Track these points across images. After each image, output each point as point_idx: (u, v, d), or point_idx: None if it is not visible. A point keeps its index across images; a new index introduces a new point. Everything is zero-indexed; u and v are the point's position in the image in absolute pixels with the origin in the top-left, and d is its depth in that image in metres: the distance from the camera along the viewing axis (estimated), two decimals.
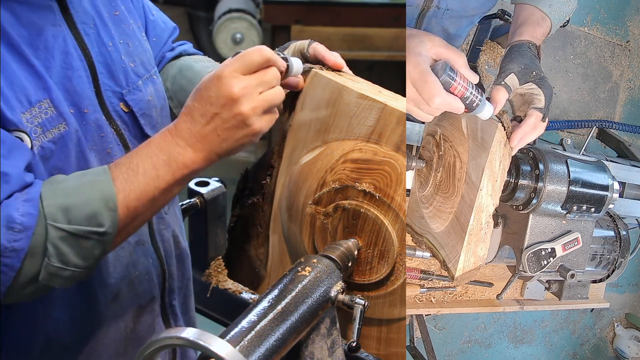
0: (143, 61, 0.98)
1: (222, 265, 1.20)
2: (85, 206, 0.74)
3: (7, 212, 0.70)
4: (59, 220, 0.73)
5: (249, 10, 2.66)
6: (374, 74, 2.53)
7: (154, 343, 0.63)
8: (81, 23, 0.86)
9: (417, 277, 1.63)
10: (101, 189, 0.76)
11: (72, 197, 0.74)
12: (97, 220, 0.75)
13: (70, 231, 0.73)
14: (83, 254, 0.75)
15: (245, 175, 1.13)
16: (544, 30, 1.16)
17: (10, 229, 0.69)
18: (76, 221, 0.73)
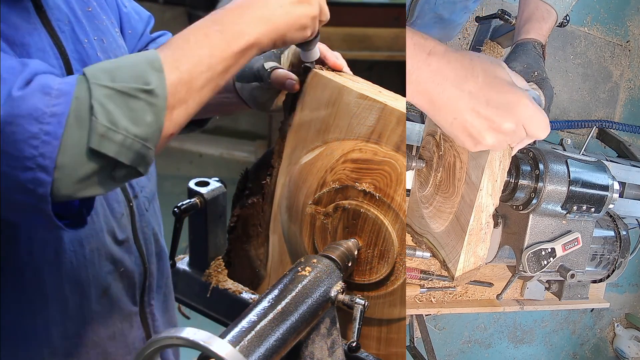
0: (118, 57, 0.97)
1: (222, 265, 1.20)
2: (131, 68, 0.71)
3: (42, 80, 0.66)
4: (103, 79, 0.68)
5: None
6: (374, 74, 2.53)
7: (153, 343, 0.63)
8: (55, 20, 0.85)
9: (417, 277, 1.63)
10: (145, 54, 0.73)
11: (116, 62, 0.72)
12: (144, 78, 0.70)
13: (115, 88, 0.68)
14: (133, 117, 0.69)
15: (245, 175, 1.13)
16: (549, 25, 1.15)
17: (47, 94, 0.65)
18: (121, 79, 0.69)
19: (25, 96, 0.64)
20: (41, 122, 0.64)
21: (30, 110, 0.64)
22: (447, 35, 1.79)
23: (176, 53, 0.74)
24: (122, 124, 0.68)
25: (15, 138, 0.64)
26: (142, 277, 1.05)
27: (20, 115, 0.63)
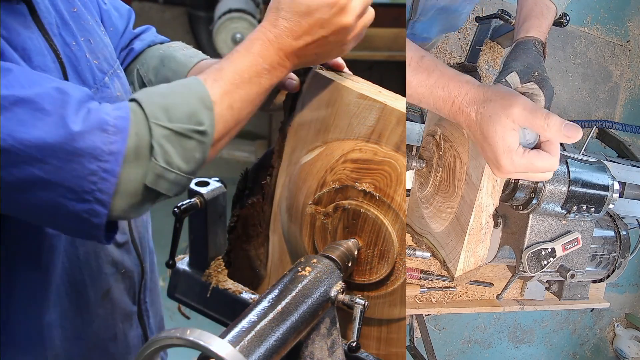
0: (106, 57, 0.97)
1: (222, 265, 1.20)
2: (184, 105, 0.74)
3: (99, 116, 0.69)
4: (161, 119, 0.72)
5: (249, 10, 2.65)
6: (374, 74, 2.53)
7: (153, 343, 0.63)
8: (48, 24, 0.85)
9: (417, 277, 1.63)
10: (196, 89, 0.76)
11: (170, 97, 0.75)
12: (197, 118, 0.75)
13: (173, 129, 0.73)
14: (185, 156, 0.75)
15: (245, 175, 1.13)
16: (549, 21, 1.14)
17: (104, 131, 0.68)
18: (177, 119, 0.73)
19: (83, 133, 0.67)
20: (100, 159, 0.68)
21: (90, 149, 0.67)
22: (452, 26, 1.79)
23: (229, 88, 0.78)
24: (176, 164, 0.73)
25: (74, 174, 0.67)
26: (140, 277, 1.05)
27: (80, 154, 0.66)
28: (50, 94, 0.68)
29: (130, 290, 1.03)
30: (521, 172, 0.90)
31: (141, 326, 1.09)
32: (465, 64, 1.97)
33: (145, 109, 0.72)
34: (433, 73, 0.95)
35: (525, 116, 0.86)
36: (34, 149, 0.66)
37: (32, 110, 0.66)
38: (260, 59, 0.81)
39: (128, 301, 1.04)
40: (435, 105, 0.96)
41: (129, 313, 1.04)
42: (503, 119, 0.86)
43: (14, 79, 0.67)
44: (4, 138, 0.65)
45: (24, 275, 0.85)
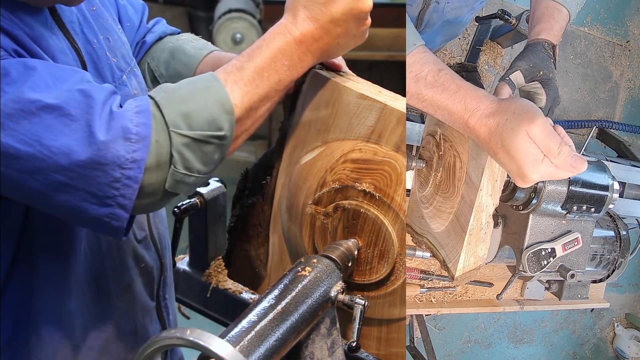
0: (123, 54, 0.97)
1: (222, 265, 1.20)
2: (204, 111, 0.75)
3: (122, 123, 0.70)
4: (181, 127, 0.73)
5: (249, 10, 2.65)
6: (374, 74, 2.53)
7: (153, 343, 0.63)
8: (69, 22, 0.86)
9: (417, 277, 1.62)
10: (216, 93, 0.77)
11: (190, 103, 0.75)
12: (217, 124, 0.76)
13: (192, 137, 0.74)
14: (204, 159, 0.76)
15: (245, 175, 1.13)
16: (561, 24, 1.14)
17: (128, 140, 0.69)
18: (197, 126, 0.74)
19: (108, 142, 0.68)
20: (123, 167, 0.69)
21: (114, 157, 0.69)
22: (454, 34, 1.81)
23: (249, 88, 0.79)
24: (195, 168, 0.75)
25: (98, 181, 0.69)
26: (159, 272, 1.06)
27: (105, 162, 0.69)
28: (75, 99, 0.69)
29: (148, 285, 1.04)
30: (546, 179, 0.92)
31: (160, 322, 1.10)
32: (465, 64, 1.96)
33: (166, 116, 0.73)
34: (449, 88, 0.95)
35: (542, 137, 0.87)
36: (60, 156, 0.67)
37: (59, 116, 0.67)
38: (280, 55, 0.81)
39: (147, 297, 1.05)
40: (450, 117, 0.96)
41: (148, 308, 1.06)
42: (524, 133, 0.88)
43: (40, 80, 0.68)
44: (31, 144, 0.66)
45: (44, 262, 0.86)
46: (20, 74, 0.67)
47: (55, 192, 0.69)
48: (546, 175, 0.89)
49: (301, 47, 0.83)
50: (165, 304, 1.11)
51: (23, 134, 0.66)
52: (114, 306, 0.97)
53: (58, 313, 0.89)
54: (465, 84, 0.96)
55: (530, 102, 0.92)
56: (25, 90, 0.66)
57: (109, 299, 0.96)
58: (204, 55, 1.08)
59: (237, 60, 0.81)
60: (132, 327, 1.02)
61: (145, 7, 1.16)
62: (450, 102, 0.95)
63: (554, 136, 0.88)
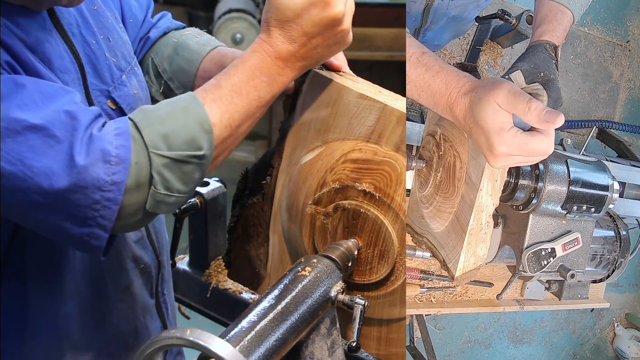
0: (124, 54, 0.97)
1: (222, 265, 1.20)
2: (183, 131, 0.75)
3: (102, 146, 0.70)
4: (161, 147, 0.74)
5: (249, 10, 2.65)
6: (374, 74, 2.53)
7: (153, 343, 0.63)
8: (67, 24, 0.86)
9: (417, 277, 1.62)
10: (195, 113, 0.77)
11: (169, 123, 0.75)
12: (196, 143, 0.76)
13: (172, 157, 0.74)
14: (184, 179, 0.77)
15: (245, 175, 1.13)
16: (564, 25, 1.14)
17: (107, 162, 0.70)
18: (177, 147, 0.75)
19: (88, 166, 0.69)
20: (103, 190, 0.70)
21: (94, 180, 0.70)
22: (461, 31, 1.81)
23: (227, 107, 0.79)
24: (175, 188, 0.76)
25: (78, 204, 0.70)
26: (156, 270, 1.07)
27: (85, 185, 0.69)
28: (61, 120, 0.69)
29: (148, 284, 1.05)
30: (515, 154, 0.88)
31: (160, 318, 1.10)
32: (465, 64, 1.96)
33: (145, 138, 0.73)
34: (432, 68, 0.96)
35: (508, 99, 0.86)
36: (42, 177, 0.68)
37: (43, 137, 0.68)
38: (258, 72, 0.82)
39: (147, 295, 1.05)
40: (433, 99, 0.97)
41: (148, 306, 1.06)
42: (491, 100, 0.87)
43: (28, 98, 0.69)
44: (13, 163, 0.67)
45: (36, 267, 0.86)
46: (9, 91, 0.68)
47: (34, 211, 0.70)
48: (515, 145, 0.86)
49: (278, 62, 0.83)
50: (164, 300, 1.12)
51: (7, 152, 0.66)
52: (112, 308, 0.97)
53: (53, 316, 0.89)
54: (448, 66, 0.97)
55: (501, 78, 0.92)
56: (12, 109, 0.67)
57: (107, 301, 0.96)
58: (207, 52, 1.07)
59: (215, 79, 0.82)
60: (133, 327, 1.02)
61: (150, 2, 1.16)
62: (432, 81, 0.95)
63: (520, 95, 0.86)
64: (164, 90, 1.09)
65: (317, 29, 0.81)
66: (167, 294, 1.14)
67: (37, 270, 0.86)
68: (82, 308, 0.92)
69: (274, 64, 0.82)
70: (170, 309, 1.15)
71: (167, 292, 1.13)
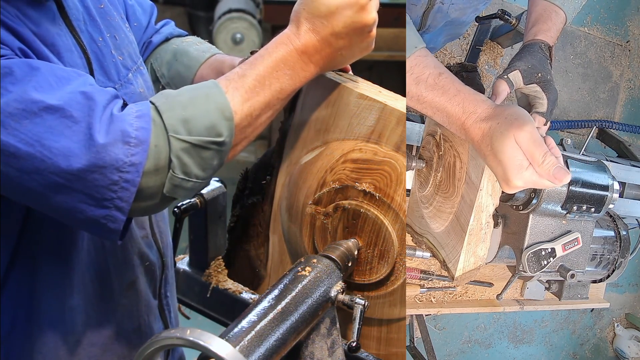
0: (130, 53, 0.98)
1: (222, 265, 1.20)
2: (204, 117, 0.75)
3: (122, 126, 0.70)
4: (180, 132, 0.74)
5: (249, 10, 2.65)
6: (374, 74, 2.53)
7: (153, 343, 0.63)
8: (75, 20, 0.86)
9: (417, 277, 1.63)
10: (217, 100, 0.77)
11: (190, 109, 0.75)
12: (216, 130, 0.76)
13: (191, 142, 0.74)
14: (203, 165, 0.77)
15: (245, 175, 1.13)
16: (558, 26, 1.15)
17: (127, 143, 0.70)
18: (196, 132, 0.75)
19: (107, 145, 0.69)
20: (121, 170, 0.70)
21: (113, 160, 0.69)
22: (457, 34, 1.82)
23: (249, 95, 0.79)
24: (194, 173, 0.76)
25: (96, 184, 0.69)
26: (160, 271, 1.07)
27: (104, 165, 0.69)
28: (77, 101, 0.69)
29: (152, 283, 1.05)
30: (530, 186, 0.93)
31: (162, 320, 1.10)
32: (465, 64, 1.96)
33: (165, 121, 0.73)
34: (449, 91, 0.96)
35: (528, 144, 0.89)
36: (60, 157, 0.67)
37: (61, 117, 0.68)
38: (282, 64, 0.82)
39: (150, 295, 1.05)
40: (448, 120, 0.98)
41: (152, 306, 1.06)
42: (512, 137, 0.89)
43: (43, 80, 0.68)
44: (32, 144, 0.66)
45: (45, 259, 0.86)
46: (24, 74, 0.68)
47: (52, 193, 0.70)
48: (529, 182, 0.91)
49: (303, 57, 0.83)
50: (167, 302, 1.12)
51: (24, 133, 0.66)
52: (117, 303, 0.98)
53: (60, 309, 0.90)
54: (465, 88, 0.97)
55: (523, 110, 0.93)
56: (28, 90, 0.67)
57: (112, 296, 0.97)
58: (206, 58, 1.08)
59: (240, 68, 0.82)
60: (136, 325, 1.02)
61: (154, 8, 1.17)
62: (449, 104, 0.96)
63: (540, 145, 0.89)
64: None
65: (347, 30, 0.82)
66: (170, 296, 1.13)
67: (46, 263, 0.86)
68: (87, 302, 0.93)
69: (300, 59, 0.83)
70: (173, 312, 1.15)
71: (170, 294, 1.13)
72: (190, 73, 1.07)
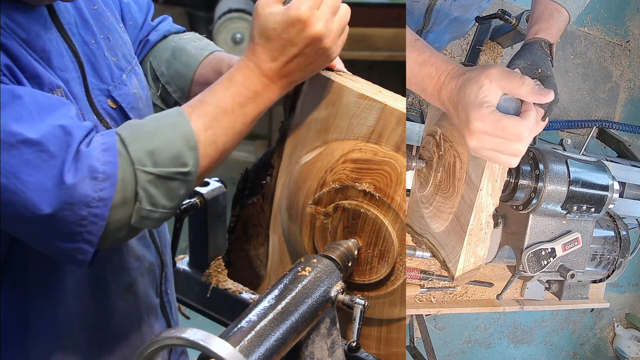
0: (124, 54, 0.98)
1: (222, 265, 1.20)
2: (169, 148, 0.76)
3: (89, 162, 0.71)
4: (147, 164, 0.75)
5: (249, 10, 2.65)
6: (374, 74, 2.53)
7: (153, 343, 0.63)
8: (67, 24, 0.86)
9: (417, 277, 1.63)
10: (181, 129, 0.78)
11: (155, 140, 0.76)
12: (182, 160, 0.77)
13: (157, 174, 0.75)
14: (170, 195, 0.78)
15: (245, 175, 1.13)
16: (560, 24, 1.14)
17: (94, 179, 0.71)
18: (162, 163, 0.76)
19: (76, 184, 0.70)
20: (90, 206, 0.71)
21: (81, 197, 0.71)
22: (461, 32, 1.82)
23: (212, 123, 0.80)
24: (161, 204, 0.77)
25: (65, 220, 0.71)
26: (160, 269, 1.08)
27: (73, 202, 0.70)
28: (56, 135, 0.70)
29: (153, 283, 1.06)
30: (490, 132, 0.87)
31: (164, 318, 1.11)
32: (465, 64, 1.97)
33: (131, 154, 0.74)
34: (424, 53, 0.99)
35: (501, 75, 0.87)
36: (33, 192, 0.68)
37: (38, 151, 0.69)
38: (243, 88, 0.83)
39: (152, 294, 1.06)
40: (423, 84, 0.99)
41: (153, 306, 1.07)
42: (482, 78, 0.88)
43: (24, 110, 0.69)
44: (7, 176, 0.67)
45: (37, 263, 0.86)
46: (5, 102, 0.68)
47: (22, 224, 0.71)
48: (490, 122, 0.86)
49: (263, 79, 0.84)
50: (167, 299, 1.13)
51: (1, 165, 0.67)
52: (115, 307, 0.98)
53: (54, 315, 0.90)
54: (438, 53, 1.00)
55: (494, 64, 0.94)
56: (8, 121, 0.67)
57: (109, 300, 0.97)
58: (205, 56, 1.08)
59: (202, 94, 0.83)
60: (137, 326, 1.02)
61: (150, 5, 1.17)
62: (423, 65, 0.98)
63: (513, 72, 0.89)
64: (161, 93, 1.10)
65: (297, 48, 0.82)
66: (170, 293, 1.15)
67: (38, 269, 0.86)
68: (84, 306, 0.93)
69: (259, 81, 0.83)
70: (174, 309, 1.16)
71: (170, 291, 1.14)
72: (190, 71, 1.06)
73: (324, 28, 0.81)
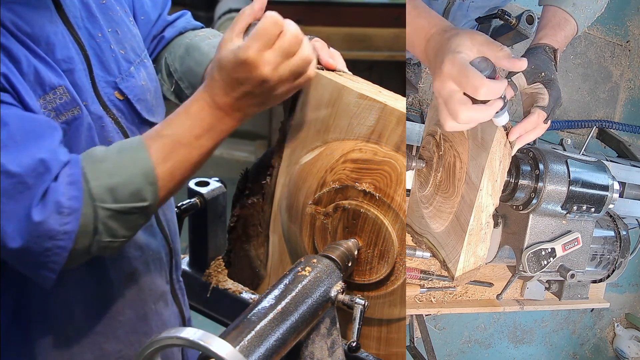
0: (133, 46, 0.99)
1: (222, 265, 1.20)
2: (129, 184, 0.79)
3: (55, 198, 0.74)
4: (107, 200, 0.78)
5: None
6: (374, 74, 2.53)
7: (154, 343, 0.63)
8: (73, 17, 0.88)
9: (417, 277, 1.63)
10: (141, 165, 0.80)
11: (116, 177, 0.79)
12: (141, 195, 0.80)
13: (117, 210, 0.78)
14: (128, 226, 0.82)
15: (245, 175, 1.13)
16: (566, 32, 1.14)
17: (60, 213, 0.74)
18: (122, 199, 0.79)
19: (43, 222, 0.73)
20: (55, 239, 0.75)
21: (47, 231, 0.74)
22: None
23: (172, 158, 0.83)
24: (120, 234, 0.80)
25: (31, 251, 0.75)
26: (168, 257, 1.09)
27: (38, 236, 0.74)
28: (35, 169, 0.73)
29: (161, 271, 1.07)
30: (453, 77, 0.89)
31: (176, 304, 1.13)
32: None
33: (92, 190, 0.77)
34: (419, 6, 1.02)
35: (484, 41, 0.90)
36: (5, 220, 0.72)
37: (16, 183, 0.72)
38: (198, 121, 0.84)
39: (161, 282, 1.07)
40: (413, 36, 1.01)
41: (162, 293, 1.08)
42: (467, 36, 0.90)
43: (9, 138, 0.72)
44: None
45: None
46: None
47: None
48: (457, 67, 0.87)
49: (218, 112, 0.84)
50: (179, 286, 1.15)
51: None
52: (117, 294, 1.00)
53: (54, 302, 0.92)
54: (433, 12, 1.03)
55: None
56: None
57: (111, 287, 0.99)
58: None
59: (161, 125, 0.85)
60: (141, 313, 1.04)
61: (167, 1, 1.17)
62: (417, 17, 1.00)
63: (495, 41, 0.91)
64: (175, 89, 1.11)
65: (246, 87, 0.82)
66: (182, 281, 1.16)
67: None
68: (86, 293, 0.95)
69: (214, 114, 0.84)
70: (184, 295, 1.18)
71: (181, 279, 1.16)
72: (201, 69, 1.07)
73: (270, 73, 0.81)
